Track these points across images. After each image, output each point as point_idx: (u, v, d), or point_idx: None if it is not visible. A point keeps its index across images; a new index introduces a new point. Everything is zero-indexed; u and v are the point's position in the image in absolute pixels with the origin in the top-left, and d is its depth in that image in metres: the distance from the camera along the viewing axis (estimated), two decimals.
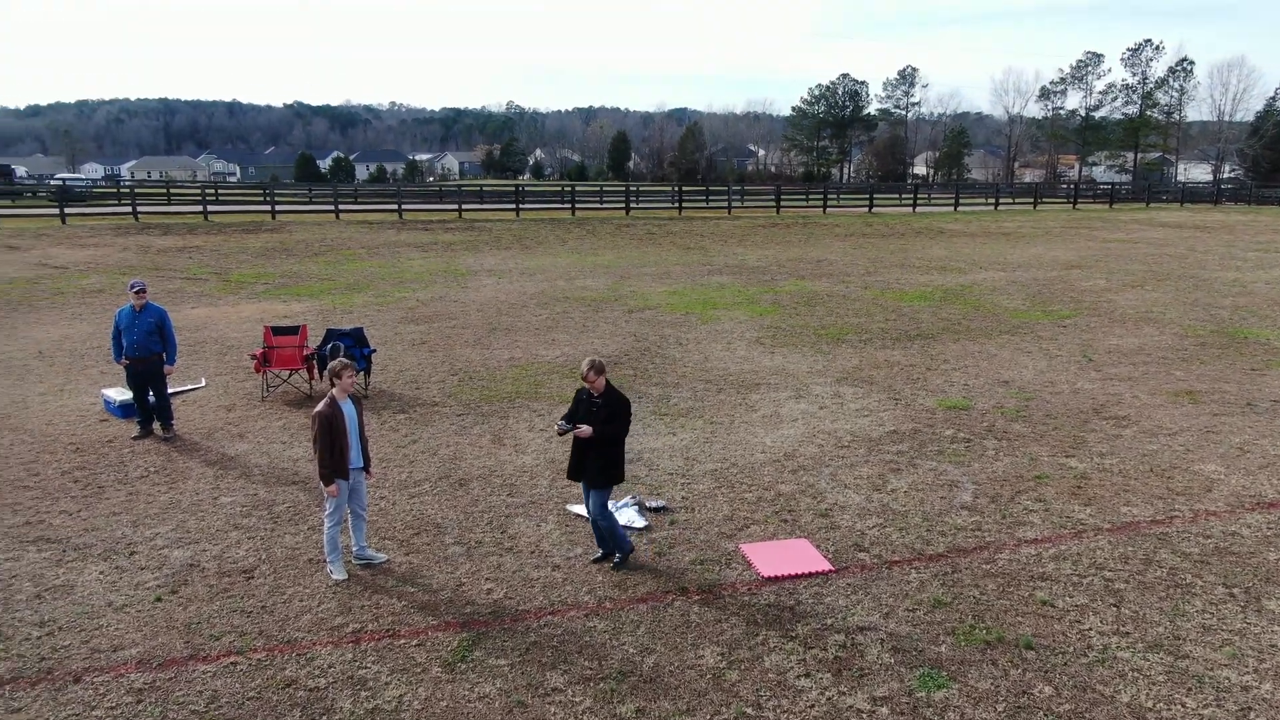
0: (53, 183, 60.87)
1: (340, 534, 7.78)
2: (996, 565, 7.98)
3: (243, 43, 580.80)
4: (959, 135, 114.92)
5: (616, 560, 7.93)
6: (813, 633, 6.90)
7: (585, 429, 7.62)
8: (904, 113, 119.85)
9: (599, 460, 7.67)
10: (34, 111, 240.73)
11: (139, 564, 7.88)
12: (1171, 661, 6.55)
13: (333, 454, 7.48)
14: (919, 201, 54.98)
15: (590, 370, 7.70)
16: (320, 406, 7.52)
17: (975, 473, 10.14)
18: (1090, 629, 6.96)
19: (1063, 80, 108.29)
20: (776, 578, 7.71)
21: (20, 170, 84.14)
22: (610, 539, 7.91)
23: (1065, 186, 74.16)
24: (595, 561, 8.00)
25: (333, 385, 7.58)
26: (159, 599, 7.30)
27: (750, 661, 6.53)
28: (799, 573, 7.79)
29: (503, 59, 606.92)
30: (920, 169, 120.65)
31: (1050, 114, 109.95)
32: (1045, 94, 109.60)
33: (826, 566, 7.91)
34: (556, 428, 7.78)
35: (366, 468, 7.87)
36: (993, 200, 57.61)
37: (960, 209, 52.82)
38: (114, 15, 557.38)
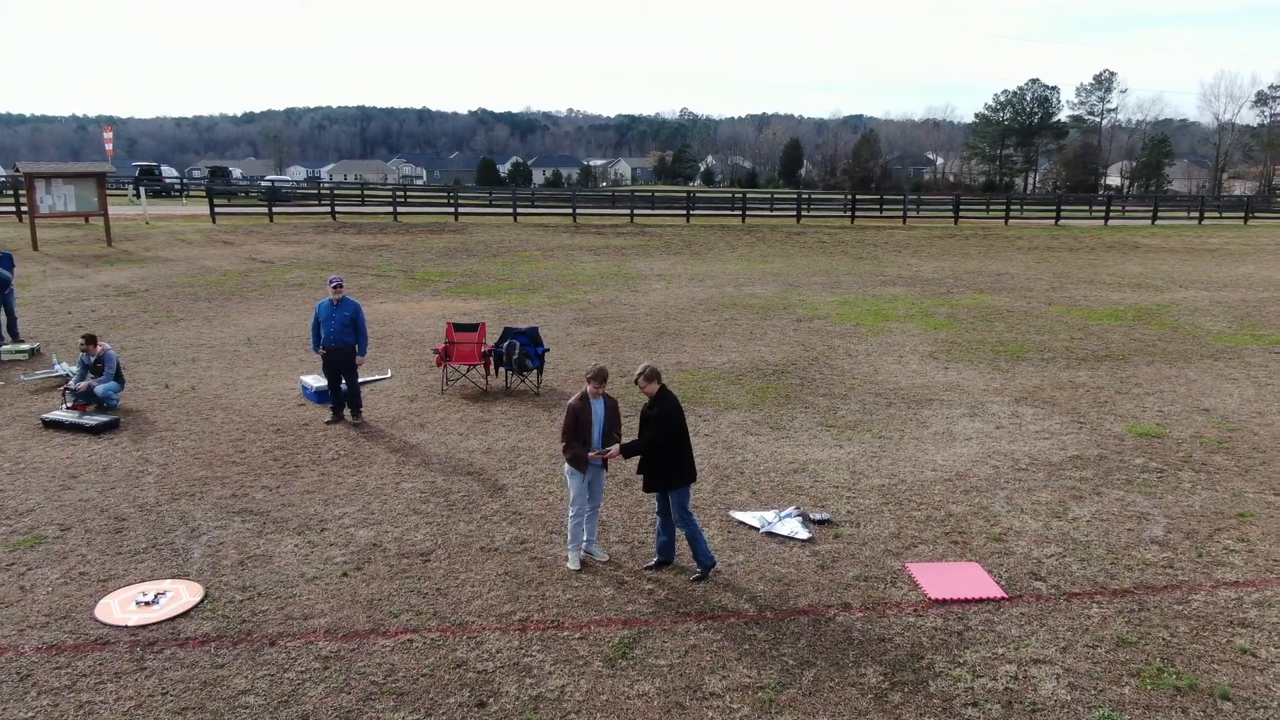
0: (263, 184, 65.78)
1: (581, 526, 8.04)
2: (1190, 607, 7.41)
3: (432, 52, 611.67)
4: (1160, 143, 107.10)
5: (698, 574, 7.80)
6: (982, 661, 6.62)
7: (613, 450, 7.79)
8: (1098, 119, 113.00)
9: (657, 465, 7.68)
10: (249, 118, 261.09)
11: (329, 540, 8.44)
12: None
13: (569, 444, 7.81)
14: (1112, 214, 51.62)
15: (640, 376, 7.75)
16: (573, 399, 7.88)
17: (1168, 505, 9.45)
18: None
19: None
20: (945, 600, 7.45)
21: (236, 172, 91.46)
22: (693, 546, 7.81)
23: None
24: (649, 569, 7.95)
25: (588, 384, 7.86)
26: (345, 574, 7.78)
27: (914, 685, 6.33)
28: (969, 597, 7.49)
29: (678, 65, 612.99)
30: (1114, 179, 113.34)
31: (1267, 121, 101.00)
32: (1262, 99, 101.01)
33: (999, 593, 7.57)
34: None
35: (605, 464, 8.11)
36: (1196, 214, 53.28)
37: (1159, 222, 49.32)
38: (318, 27, 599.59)
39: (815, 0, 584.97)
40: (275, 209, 41.38)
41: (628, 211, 45.67)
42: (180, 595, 7.39)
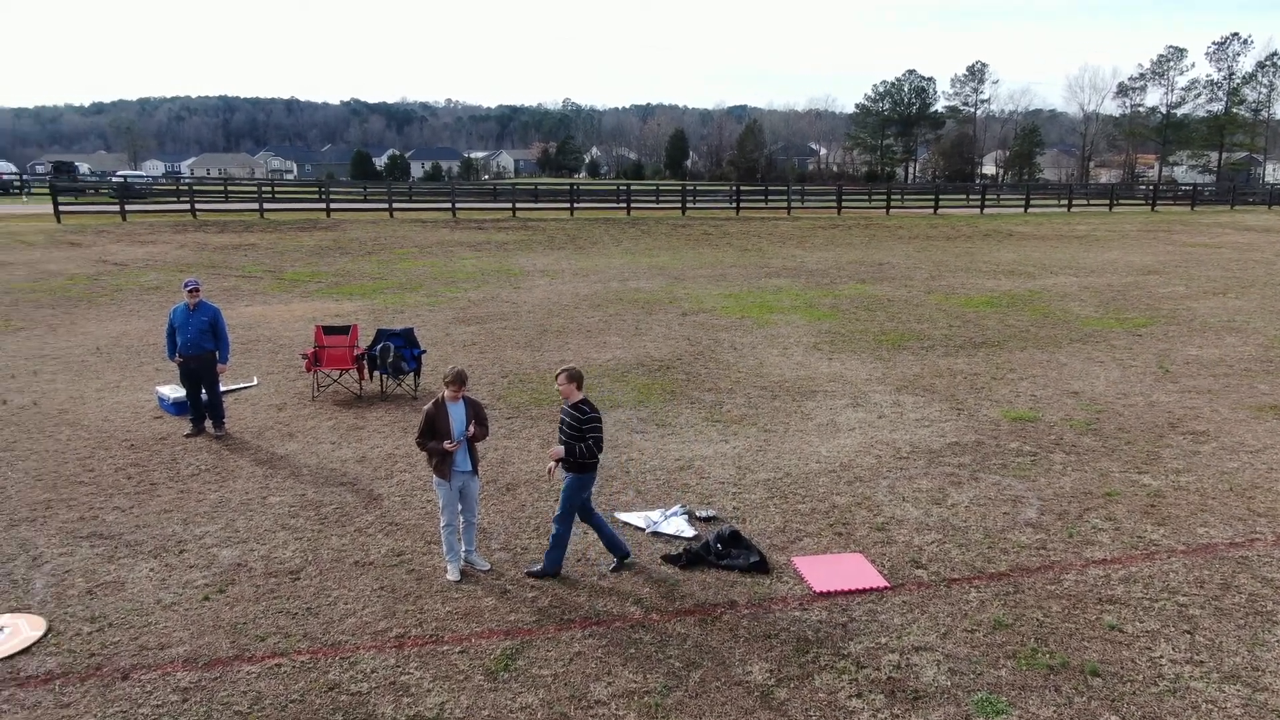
0: (114, 180, 62.25)
1: (456, 537, 7.73)
2: (1062, 586, 7.62)
3: (300, 40, 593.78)
4: (1031, 133, 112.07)
5: (537, 569, 7.79)
6: (866, 651, 6.64)
7: (558, 450, 7.61)
8: (973, 110, 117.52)
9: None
10: (98, 109, 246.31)
11: (188, 562, 7.92)
12: (1249, 694, 6.16)
13: (425, 444, 7.56)
14: (987, 202, 53.63)
15: (561, 375, 7.70)
16: (428, 404, 7.59)
17: (1041, 488, 9.74)
18: (1161, 657, 6.59)
19: (1142, 76, 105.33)
20: (829, 593, 7.46)
21: (84, 167, 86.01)
22: (554, 549, 7.77)
23: (1144, 188, 71.68)
24: (614, 571, 7.87)
25: (446, 388, 7.56)
26: (207, 598, 7.31)
27: (800, 679, 6.30)
28: (853, 588, 7.53)
29: (559, 55, 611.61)
30: (989, 169, 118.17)
31: (1129, 111, 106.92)
32: (1123, 90, 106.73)
33: (882, 583, 7.64)
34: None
35: (474, 470, 7.78)
36: (1065, 201, 55.87)
37: (1031, 210, 51.56)
38: (175, 12, 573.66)
39: None
40: (129, 207, 39.08)
41: (510, 205, 45.07)
42: (20, 630, 6.82)
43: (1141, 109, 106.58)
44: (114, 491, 9.47)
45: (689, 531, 8.51)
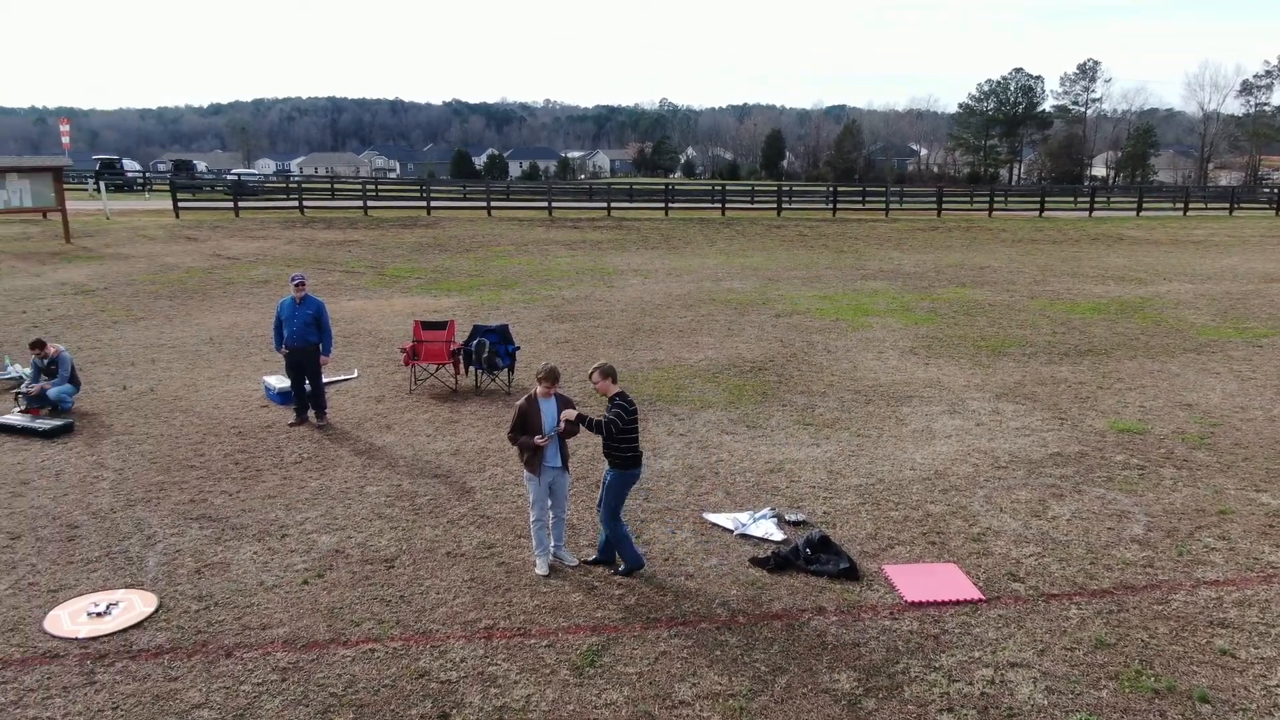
0: (229, 177, 64.95)
1: (545, 532, 7.83)
2: (1170, 607, 7.27)
3: (405, 42, 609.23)
4: (1145, 134, 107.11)
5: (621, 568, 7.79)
6: (958, 665, 6.46)
7: (569, 414, 7.53)
8: (1083, 109, 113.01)
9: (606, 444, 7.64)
10: (215, 110, 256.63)
11: (289, 546, 8.20)
12: None
13: (516, 439, 7.64)
14: (1097, 205, 51.70)
15: (594, 372, 7.63)
16: (521, 400, 7.67)
17: (1149, 503, 9.32)
18: (1277, 685, 6.23)
19: (1269, 73, 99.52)
20: (921, 603, 7.29)
21: (201, 165, 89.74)
22: (618, 548, 7.78)
23: (1268, 191, 67.88)
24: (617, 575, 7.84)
25: (538, 384, 7.64)
26: (306, 582, 7.56)
27: (889, 690, 6.17)
28: (946, 599, 7.34)
29: (657, 56, 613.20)
30: (1099, 170, 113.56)
31: (1253, 111, 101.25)
32: (1248, 88, 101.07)
33: (976, 595, 7.42)
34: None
35: (564, 466, 7.86)
36: (1181, 205, 53.27)
37: (1143, 214, 49.38)
38: (289, 17, 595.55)
39: None
40: (241, 203, 40.65)
41: (605, 205, 45.29)
42: (133, 606, 7.15)
43: (1267, 108, 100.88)
44: (222, 476, 9.89)
45: (778, 535, 8.42)
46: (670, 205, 45.60)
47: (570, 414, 7.49)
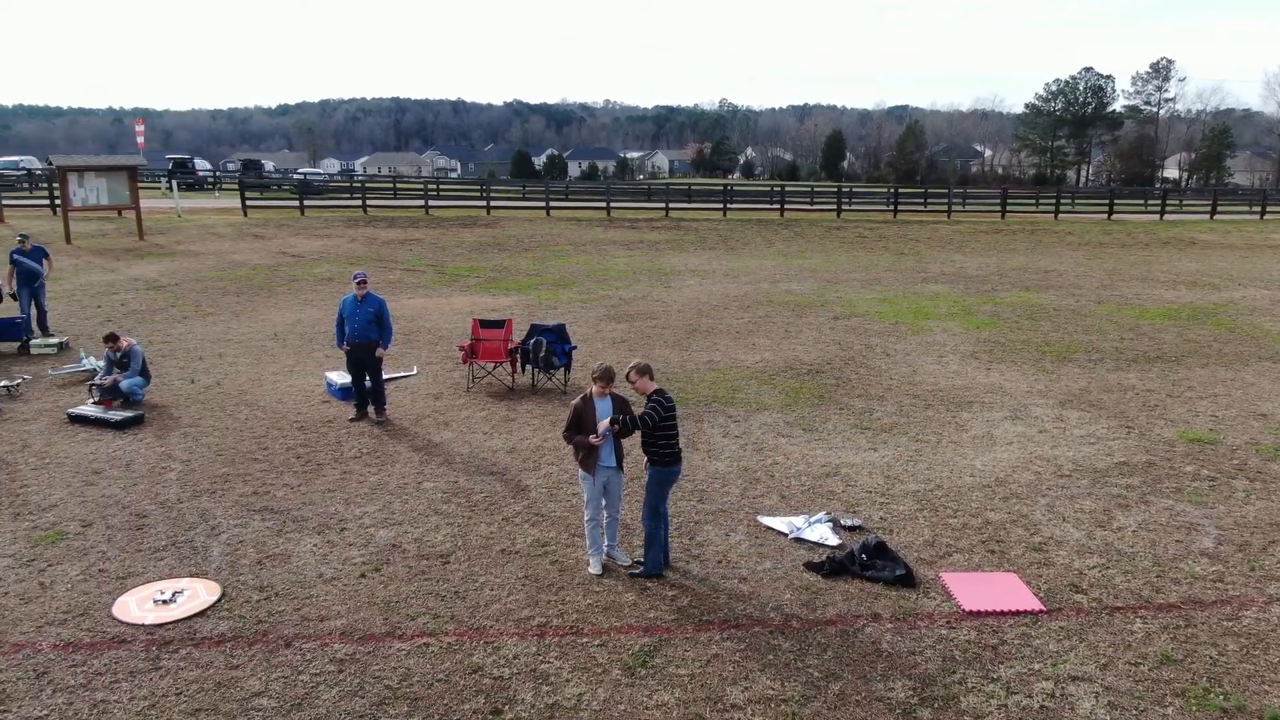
0: (295, 176, 66.22)
1: (599, 531, 7.86)
2: (1241, 623, 7.03)
3: (468, 43, 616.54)
4: (1220, 134, 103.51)
5: (638, 568, 7.77)
6: (1017, 677, 6.32)
7: (604, 423, 7.55)
8: (1155, 109, 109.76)
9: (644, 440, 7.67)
10: (283, 110, 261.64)
11: (348, 540, 8.34)
12: None
13: (572, 437, 7.69)
14: (1168, 208, 50.12)
15: (631, 371, 7.63)
16: (577, 399, 7.72)
17: (1220, 516, 9.02)
18: None
19: None
20: (979, 612, 7.15)
21: (268, 164, 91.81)
22: (646, 547, 7.75)
23: None
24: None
25: (594, 383, 7.69)
26: (363, 575, 7.68)
27: (945, 700, 6.06)
28: (1005, 609, 7.19)
29: (717, 57, 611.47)
30: (1171, 172, 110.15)
31: None
32: None
33: (1037, 606, 7.25)
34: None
35: (619, 466, 7.87)
36: (1259, 208, 51.34)
37: (1218, 217, 47.74)
38: (355, 18, 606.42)
39: None
40: (306, 202, 41.41)
41: (663, 205, 45.29)
42: (198, 594, 7.33)
43: None
44: (284, 469, 10.10)
45: (833, 540, 8.33)
46: (729, 206, 45.41)
47: (604, 423, 7.53)
